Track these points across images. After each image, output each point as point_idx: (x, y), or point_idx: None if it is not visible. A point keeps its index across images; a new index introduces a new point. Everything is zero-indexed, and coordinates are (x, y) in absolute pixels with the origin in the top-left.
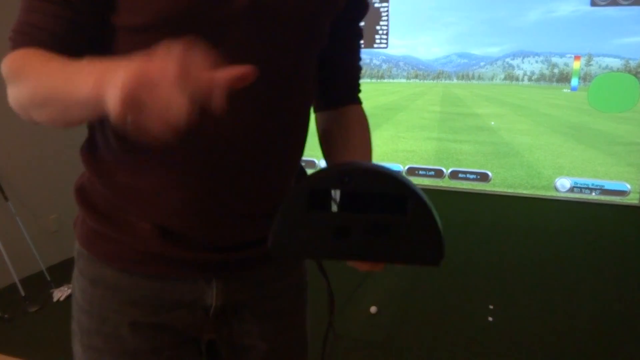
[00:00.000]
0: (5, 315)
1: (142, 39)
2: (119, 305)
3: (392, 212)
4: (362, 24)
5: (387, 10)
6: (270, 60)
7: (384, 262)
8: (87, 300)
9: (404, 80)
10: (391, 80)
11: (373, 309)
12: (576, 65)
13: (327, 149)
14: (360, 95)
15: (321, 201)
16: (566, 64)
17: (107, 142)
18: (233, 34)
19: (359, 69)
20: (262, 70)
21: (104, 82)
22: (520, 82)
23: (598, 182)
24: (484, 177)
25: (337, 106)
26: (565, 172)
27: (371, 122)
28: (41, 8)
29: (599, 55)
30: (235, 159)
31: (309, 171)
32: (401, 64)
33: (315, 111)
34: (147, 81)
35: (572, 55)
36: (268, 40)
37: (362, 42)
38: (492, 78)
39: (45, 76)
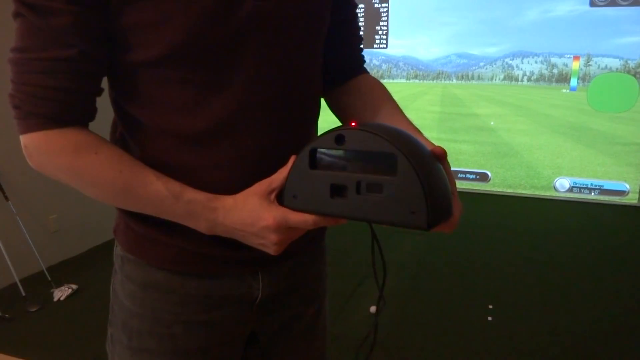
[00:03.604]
0: (6, 315)
1: (161, 70)
2: (171, 306)
3: (384, 173)
4: None
5: (387, 11)
6: (284, 61)
7: (375, 222)
8: (138, 304)
9: (403, 81)
10: (391, 81)
11: (373, 309)
12: (575, 65)
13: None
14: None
15: (322, 160)
16: (565, 64)
17: (143, 148)
18: (245, 46)
19: (360, 38)
20: (277, 72)
21: (217, 230)
22: (519, 83)
23: (597, 182)
24: (483, 177)
25: (349, 79)
26: (565, 172)
27: None
28: (54, 67)
29: (598, 56)
30: (264, 154)
31: None
32: (401, 64)
33: (325, 94)
34: (286, 240)
35: (571, 56)
36: (278, 44)
37: (356, 10)
38: (491, 78)
39: (125, 191)
